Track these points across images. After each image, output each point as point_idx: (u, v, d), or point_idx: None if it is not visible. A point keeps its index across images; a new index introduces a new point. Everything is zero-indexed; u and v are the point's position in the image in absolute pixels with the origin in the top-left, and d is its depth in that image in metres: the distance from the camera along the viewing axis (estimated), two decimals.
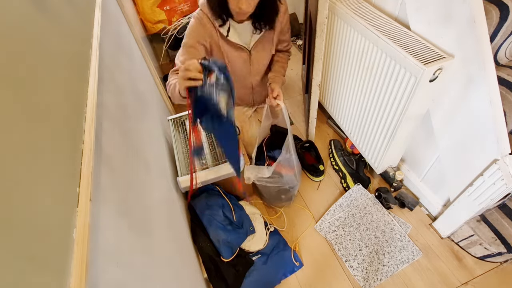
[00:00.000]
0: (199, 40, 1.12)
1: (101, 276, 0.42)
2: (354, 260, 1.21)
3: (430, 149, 1.20)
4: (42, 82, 0.45)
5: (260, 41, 1.19)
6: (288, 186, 1.25)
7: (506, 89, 0.96)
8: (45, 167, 0.38)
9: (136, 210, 0.65)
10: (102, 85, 0.68)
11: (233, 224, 1.17)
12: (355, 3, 1.23)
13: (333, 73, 1.44)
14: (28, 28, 0.47)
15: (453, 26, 0.88)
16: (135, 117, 0.91)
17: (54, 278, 0.33)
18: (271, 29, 1.17)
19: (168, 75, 1.12)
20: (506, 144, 0.89)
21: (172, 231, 0.89)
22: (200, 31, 1.11)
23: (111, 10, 1.11)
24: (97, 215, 0.47)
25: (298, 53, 2.29)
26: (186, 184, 1.11)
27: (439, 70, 0.93)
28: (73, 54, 0.60)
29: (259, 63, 1.26)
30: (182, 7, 1.93)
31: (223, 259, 1.10)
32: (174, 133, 1.29)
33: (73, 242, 0.38)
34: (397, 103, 1.06)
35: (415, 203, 1.33)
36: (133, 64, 1.18)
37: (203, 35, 1.11)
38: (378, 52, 1.07)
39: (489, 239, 1.13)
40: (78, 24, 0.69)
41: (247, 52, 1.20)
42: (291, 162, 1.21)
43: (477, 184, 1.00)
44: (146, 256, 0.62)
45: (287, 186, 1.25)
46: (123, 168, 0.66)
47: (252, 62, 1.24)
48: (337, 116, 1.58)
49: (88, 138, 0.50)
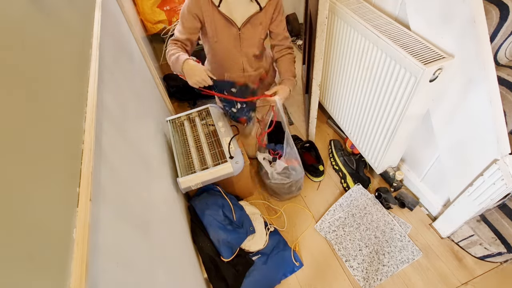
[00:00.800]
0: (191, 11, 1.17)
1: (101, 276, 0.42)
2: (354, 260, 1.21)
3: (430, 149, 1.20)
4: (42, 82, 0.45)
5: (250, 20, 1.21)
6: (298, 177, 1.31)
7: (506, 89, 0.96)
8: (45, 167, 0.38)
9: (136, 210, 0.65)
10: (102, 85, 0.68)
11: (233, 224, 1.17)
12: (355, 3, 1.23)
13: (333, 73, 1.44)
14: (28, 28, 0.47)
15: (453, 26, 0.88)
16: (135, 117, 0.91)
17: (54, 278, 0.33)
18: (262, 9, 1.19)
19: (168, 43, 1.24)
20: (506, 144, 0.89)
21: (172, 231, 0.89)
22: (193, 2, 1.16)
23: (111, 10, 1.11)
24: (97, 215, 0.47)
25: (298, 53, 2.29)
26: (186, 185, 1.11)
27: (439, 70, 0.93)
28: (73, 54, 0.60)
29: (248, 42, 1.27)
30: (182, 7, 1.93)
31: (223, 259, 1.10)
32: (173, 134, 1.29)
33: (73, 242, 0.38)
34: (397, 103, 1.06)
35: (415, 203, 1.33)
36: (133, 64, 1.18)
37: (196, 5, 1.16)
38: (378, 52, 1.07)
39: (489, 239, 1.13)
40: (78, 24, 0.69)
41: (236, 28, 1.21)
42: (293, 155, 1.26)
43: (477, 184, 1.00)
44: (146, 256, 0.62)
45: (298, 177, 1.30)
46: (123, 168, 0.66)
47: (242, 39, 1.25)
48: (337, 116, 1.58)
49: (88, 138, 0.50)
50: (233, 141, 1.23)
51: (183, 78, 1.16)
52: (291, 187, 1.34)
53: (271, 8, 1.21)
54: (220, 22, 1.19)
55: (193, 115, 1.40)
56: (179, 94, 1.97)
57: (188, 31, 1.21)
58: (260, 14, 1.20)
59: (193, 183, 1.12)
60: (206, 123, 1.37)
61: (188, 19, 1.18)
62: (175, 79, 1.96)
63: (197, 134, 1.30)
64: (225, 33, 1.22)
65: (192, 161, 1.19)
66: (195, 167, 1.16)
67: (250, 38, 1.26)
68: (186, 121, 1.37)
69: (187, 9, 1.17)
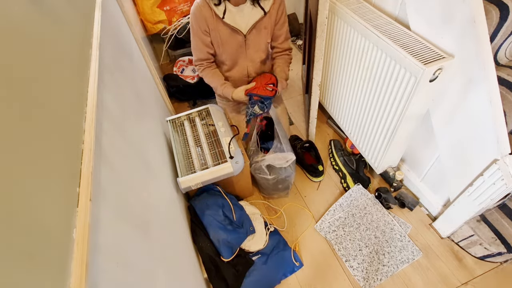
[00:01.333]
0: (201, 28, 1.19)
1: (101, 276, 0.42)
2: (354, 260, 1.21)
3: (430, 149, 1.20)
4: (42, 82, 0.45)
5: (255, 26, 1.21)
6: (284, 175, 1.29)
7: (506, 89, 0.96)
8: (45, 167, 0.38)
9: (136, 210, 0.65)
10: (102, 85, 0.68)
11: (233, 224, 1.17)
12: (355, 3, 1.23)
13: (333, 73, 1.44)
14: (28, 28, 0.47)
15: (453, 26, 0.88)
16: (135, 117, 0.91)
17: (54, 278, 0.33)
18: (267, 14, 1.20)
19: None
20: (506, 144, 0.89)
21: (172, 231, 0.89)
22: (198, 18, 1.17)
23: (111, 10, 1.11)
24: (97, 215, 0.47)
25: (298, 53, 2.29)
26: (186, 185, 1.11)
27: (439, 70, 0.93)
28: (73, 54, 0.60)
29: (254, 47, 1.28)
30: (182, 7, 1.93)
31: (223, 259, 1.10)
32: (173, 134, 1.29)
33: (73, 242, 0.38)
34: (397, 103, 1.06)
35: (415, 203, 1.33)
36: (133, 64, 1.18)
37: (201, 20, 1.17)
38: (378, 52, 1.07)
39: (489, 239, 1.13)
40: (78, 24, 0.69)
41: (242, 35, 1.22)
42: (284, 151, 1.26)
43: (477, 184, 1.00)
44: (146, 256, 0.62)
45: (283, 175, 1.29)
46: (123, 168, 0.66)
47: (247, 46, 1.26)
48: (337, 116, 1.58)
49: (88, 138, 0.50)
50: (233, 141, 1.23)
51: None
52: (276, 184, 1.33)
53: (274, 11, 1.22)
54: (225, 32, 1.20)
55: (193, 115, 1.40)
56: (179, 94, 1.97)
57: (206, 47, 1.25)
58: (265, 18, 1.21)
59: (193, 183, 1.12)
60: (206, 123, 1.37)
61: (201, 38, 1.22)
62: (175, 79, 1.96)
63: (197, 134, 1.30)
64: (230, 41, 1.23)
65: (192, 161, 1.19)
66: (195, 167, 1.16)
67: (256, 44, 1.27)
68: (186, 121, 1.37)
69: (196, 28, 1.20)
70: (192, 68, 2.02)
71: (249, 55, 1.30)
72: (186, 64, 2.03)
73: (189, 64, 2.03)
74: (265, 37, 1.27)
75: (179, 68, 2.01)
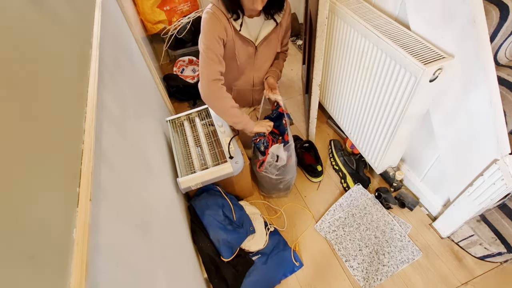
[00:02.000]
0: (216, 35, 1.10)
1: (101, 276, 0.42)
2: (354, 260, 1.21)
3: (430, 149, 1.20)
4: (42, 82, 0.45)
5: (267, 37, 1.22)
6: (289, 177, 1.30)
7: (506, 89, 0.96)
8: (45, 167, 0.38)
9: (136, 210, 0.65)
10: (102, 85, 0.68)
11: (233, 224, 1.17)
12: (355, 3, 1.23)
13: (333, 73, 1.44)
14: (28, 28, 0.47)
15: (453, 26, 0.88)
16: (135, 117, 0.91)
17: (54, 278, 0.33)
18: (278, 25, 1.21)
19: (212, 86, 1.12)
20: (506, 144, 0.89)
21: (172, 231, 0.89)
22: (216, 26, 1.10)
23: (111, 10, 1.11)
24: (97, 215, 0.47)
25: (298, 53, 2.29)
26: (186, 185, 1.11)
27: (439, 70, 0.93)
28: (73, 54, 0.60)
29: (263, 58, 1.30)
30: (182, 7, 1.93)
31: (223, 259, 1.10)
32: (173, 134, 1.29)
33: (73, 242, 0.38)
34: (397, 103, 1.06)
35: (415, 203, 1.33)
36: (133, 64, 1.18)
37: (219, 29, 1.10)
38: (378, 52, 1.07)
39: (489, 239, 1.13)
40: (78, 24, 0.69)
41: (253, 46, 1.22)
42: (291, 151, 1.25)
43: (477, 184, 1.00)
44: (146, 256, 0.62)
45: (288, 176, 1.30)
46: (123, 168, 0.66)
47: (256, 57, 1.27)
48: (337, 116, 1.58)
49: (88, 138, 0.50)
50: (233, 141, 1.23)
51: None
52: (279, 183, 1.32)
53: (285, 21, 1.24)
54: (238, 43, 1.18)
55: (193, 115, 1.40)
56: (179, 94, 1.97)
57: (219, 57, 1.12)
58: (276, 29, 1.22)
59: (193, 183, 1.12)
60: (206, 123, 1.37)
61: (216, 46, 1.10)
62: (175, 79, 1.96)
63: (197, 134, 1.30)
64: (242, 52, 1.22)
65: (192, 161, 1.19)
66: (195, 167, 1.16)
67: (265, 54, 1.29)
68: (186, 121, 1.37)
69: (211, 35, 1.09)
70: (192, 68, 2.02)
71: (257, 65, 1.31)
72: (186, 64, 2.03)
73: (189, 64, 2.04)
74: (275, 47, 1.29)
75: (179, 68, 2.01)
